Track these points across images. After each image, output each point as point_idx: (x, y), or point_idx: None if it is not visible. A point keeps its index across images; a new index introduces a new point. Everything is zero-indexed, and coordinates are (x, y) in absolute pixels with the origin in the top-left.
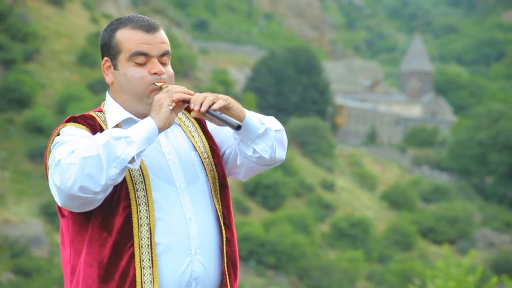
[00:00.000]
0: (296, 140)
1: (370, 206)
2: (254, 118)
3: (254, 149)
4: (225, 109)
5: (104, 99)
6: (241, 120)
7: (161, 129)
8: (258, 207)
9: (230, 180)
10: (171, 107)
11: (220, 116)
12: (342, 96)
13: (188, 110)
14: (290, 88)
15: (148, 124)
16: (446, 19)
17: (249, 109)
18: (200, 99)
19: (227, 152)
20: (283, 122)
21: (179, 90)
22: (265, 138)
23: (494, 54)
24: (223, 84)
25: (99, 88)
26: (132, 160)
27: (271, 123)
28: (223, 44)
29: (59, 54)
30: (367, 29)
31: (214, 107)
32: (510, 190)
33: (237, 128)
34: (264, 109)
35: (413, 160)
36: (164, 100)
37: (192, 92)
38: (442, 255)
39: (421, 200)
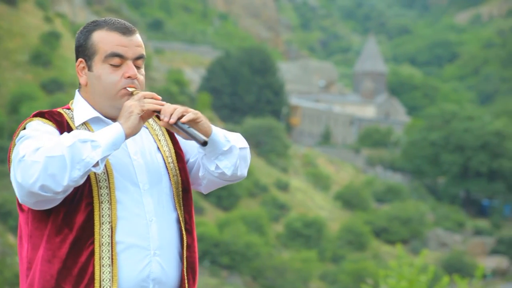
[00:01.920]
0: (251, 140)
1: (324, 206)
2: (220, 135)
3: (217, 165)
4: (194, 123)
5: (57, 99)
6: (208, 135)
7: (128, 136)
8: (212, 207)
9: None
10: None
11: (187, 130)
12: (296, 96)
13: (158, 117)
14: (245, 88)
15: (115, 130)
16: (400, 20)
17: (203, 109)
18: (170, 111)
19: (191, 160)
20: (237, 122)
21: (150, 101)
22: (229, 155)
23: (447, 56)
24: (178, 84)
25: (53, 88)
26: (96, 164)
27: (237, 140)
28: (178, 44)
29: (12, 53)
30: (321, 29)
31: (183, 120)
32: (462, 190)
33: (203, 144)
34: (219, 109)
35: (367, 161)
36: (134, 108)
37: (163, 102)
38: (395, 255)
39: (374, 200)
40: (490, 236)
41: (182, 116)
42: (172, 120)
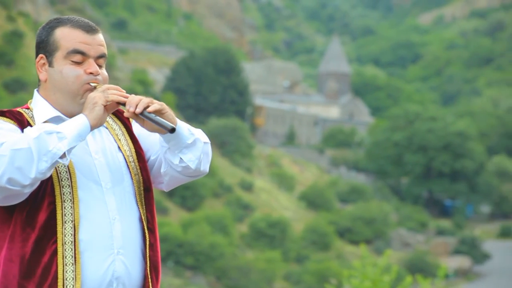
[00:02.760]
0: (215, 140)
1: (288, 206)
2: (184, 128)
3: (181, 158)
4: (159, 113)
5: (20, 98)
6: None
7: (93, 127)
8: (176, 208)
9: None
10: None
11: (154, 118)
12: (261, 96)
13: (117, 114)
14: (210, 88)
15: (80, 121)
16: (364, 21)
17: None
18: (136, 101)
19: (152, 158)
20: (202, 122)
21: (114, 92)
22: (193, 148)
23: (410, 56)
24: (142, 84)
25: (15, 88)
26: (63, 156)
27: (199, 134)
28: (142, 44)
29: None
30: (286, 30)
31: (149, 109)
32: (425, 190)
33: (171, 131)
34: (183, 109)
35: (331, 161)
36: (98, 99)
37: (127, 94)
38: (358, 255)
39: (338, 201)
40: (453, 236)
41: (148, 106)
42: (138, 110)
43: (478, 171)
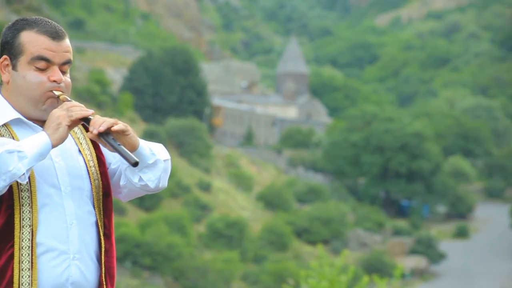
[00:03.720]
0: (173, 140)
1: (246, 206)
2: (146, 148)
3: (140, 177)
4: (123, 135)
5: None
6: (135, 148)
7: (54, 147)
8: (134, 208)
9: None
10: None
11: (118, 148)
12: (219, 97)
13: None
14: (167, 88)
15: (42, 141)
16: (321, 22)
17: (125, 109)
18: (100, 122)
19: (112, 167)
20: (160, 122)
21: (78, 110)
22: (153, 168)
23: (368, 57)
24: (99, 84)
25: None
26: (21, 175)
27: (160, 153)
28: (100, 44)
29: None
30: (244, 30)
31: (113, 129)
32: (381, 191)
33: (134, 165)
34: (141, 110)
35: (288, 161)
36: (63, 119)
37: (91, 111)
38: (316, 255)
39: (296, 201)
40: (409, 236)
41: (111, 127)
42: (102, 129)
43: (434, 172)
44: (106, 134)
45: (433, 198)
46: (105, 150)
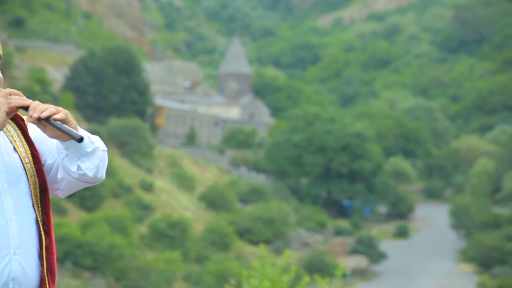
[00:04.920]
0: (115, 140)
1: (188, 207)
2: (85, 136)
3: (79, 166)
4: (64, 122)
5: None
6: None
7: None
8: (75, 208)
9: None
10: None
11: (61, 126)
12: (161, 97)
13: (12, 116)
14: (110, 88)
15: None
16: (264, 22)
17: (67, 108)
18: (40, 107)
19: (48, 162)
20: (102, 122)
21: (17, 98)
22: (92, 157)
23: (310, 58)
24: (40, 83)
25: None
26: None
27: (98, 142)
28: (41, 43)
29: None
30: (186, 30)
31: (55, 117)
32: (323, 191)
33: (79, 140)
34: (82, 109)
35: (231, 161)
36: (1, 105)
37: (28, 99)
38: (258, 255)
39: (238, 201)
40: (350, 236)
41: (52, 116)
42: (44, 115)
43: (375, 172)
44: (46, 119)
45: (374, 198)
46: (39, 147)
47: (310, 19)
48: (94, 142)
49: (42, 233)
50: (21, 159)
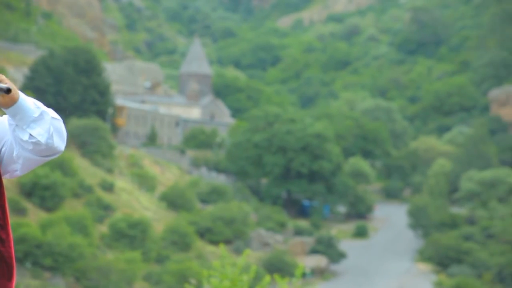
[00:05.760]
0: (76, 140)
1: (149, 207)
2: (29, 102)
3: (30, 134)
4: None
5: None
6: (15, 100)
7: None
8: (35, 208)
9: (6, 181)
10: None
11: None
12: (122, 97)
13: None
14: (70, 88)
15: None
16: (224, 23)
17: None
18: None
19: (2, 150)
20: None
21: None
22: (40, 122)
23: (270, 59)
24: None
25: None
26: None
27: (48, 110)
28: (0, 43)
29: None
30: (147, 31)
31: None
32: (283, 191)
33: (7, 91)
34: None
35: (192, 162)
36: None
37: None
38: (218, 255)
39: (199, 201)
40: (310, 236)
41: None
42: None
43: (335, 172)
44: None
45: (334, 198)
46: None
47: (271, 20)
48: (40, 108)
49: None
50: None
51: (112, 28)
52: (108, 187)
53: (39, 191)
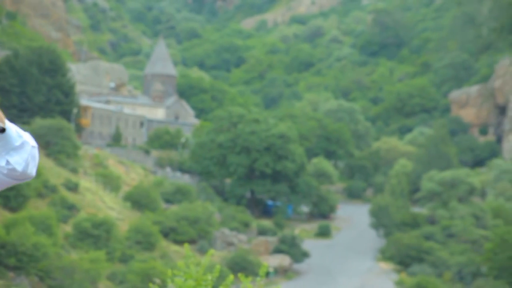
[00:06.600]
0: (40, 140)
1: (113, 206)
2: (13, 130)
3: (8, 160)
4: None
5: None
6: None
7: None
8: None
9: None
10: None
11: None
12: (87, 97)
13: None
14: (34, 88)
15: None
16: (189, 24)
17: None
18: None
19: None
20: (26, 122)
21: None
22: (21, 151)
23: (234, 60)
24: None
25: None
26: None
27: (28, 138)
28: None
29: None
30: (112, 31)
31: None
32: (247, 191)
33: (1, 131)
34: (7, 109)
35: (156, 162)
36: None
37: None
38: (183, 255)
39: (163, 201)
40: (274, 235)
41: None
42: None
43: (298, 173)
44: None
45: (297, 198)
46: None
47: (235, 22)
48: (22, 137)
49: None
50: None
51: (76, 28)
52: (73, 187)
53: (3, 191)
